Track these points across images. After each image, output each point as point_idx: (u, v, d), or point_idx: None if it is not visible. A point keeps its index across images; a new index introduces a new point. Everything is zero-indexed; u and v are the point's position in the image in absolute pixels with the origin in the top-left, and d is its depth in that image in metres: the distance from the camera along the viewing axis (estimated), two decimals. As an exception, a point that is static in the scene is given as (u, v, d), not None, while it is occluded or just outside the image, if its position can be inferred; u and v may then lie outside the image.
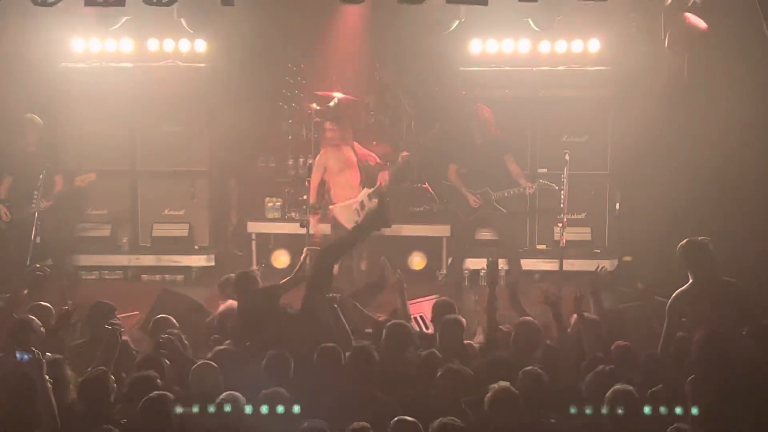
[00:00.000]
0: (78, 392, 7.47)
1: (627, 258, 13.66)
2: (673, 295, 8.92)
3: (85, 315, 9.45)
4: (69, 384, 7.58)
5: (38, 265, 10.58)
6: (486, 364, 8.20)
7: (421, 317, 10.53)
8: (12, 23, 13.00)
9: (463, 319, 9.15)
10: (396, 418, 6.87)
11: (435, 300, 10.28)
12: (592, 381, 7.68)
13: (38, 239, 12.20)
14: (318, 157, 12.96)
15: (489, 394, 7.26)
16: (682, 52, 12.81)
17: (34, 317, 8.75)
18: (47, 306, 9.37)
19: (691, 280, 8.89)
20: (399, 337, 8.64)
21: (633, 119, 13.30)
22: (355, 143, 13.13)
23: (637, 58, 13.32)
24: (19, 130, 12.83)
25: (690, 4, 11.50)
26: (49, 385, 7.22)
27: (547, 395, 7.52)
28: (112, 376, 7.57)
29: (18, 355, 7.34)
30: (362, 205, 12.80)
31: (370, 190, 12.87)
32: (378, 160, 13.09)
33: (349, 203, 12.82)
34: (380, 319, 9.78)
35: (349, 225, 12.61)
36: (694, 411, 6.89)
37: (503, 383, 7.32)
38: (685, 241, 9.06)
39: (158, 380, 7.63)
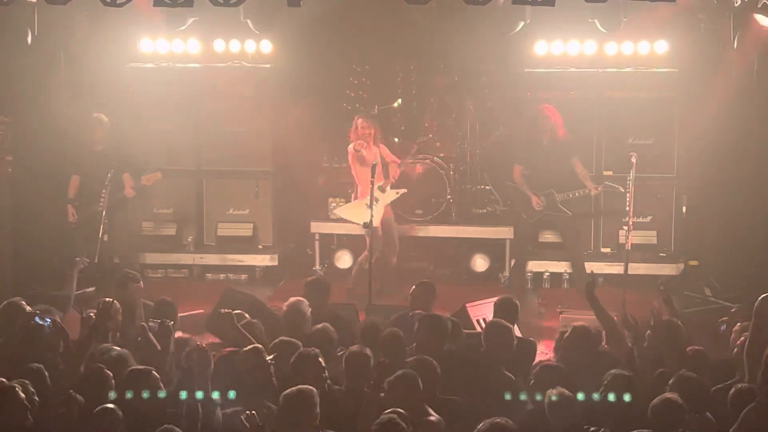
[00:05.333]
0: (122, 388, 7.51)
1: (693, 262, 13.51)
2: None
3: (150, 312, 9.59)
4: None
5: (77, 259, 10.64)
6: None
7: (483, 319, 10.47)
8: (81, 24, 13.18)
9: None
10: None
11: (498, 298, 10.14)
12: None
13: (105, 237, 12.35)
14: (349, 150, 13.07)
15: (547, 400, 7.27)
16: (752, 54, 12.62)
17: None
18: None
19: None
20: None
21: (700, 122, 13.16)
22: (383, 146, 13.18)
23: (705, 60, 13.18)
24: (87, 130, 12.98)
25: (760, 5, 11.28)
26: None
27: None
28: (155, 373, 7.57)
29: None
30: (376, 199, 12.83)
31: (381, 183, 12.90)
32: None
33: (359, 201, 12.91)
34: None
35: (359, 221, 12.68)
36: None
37: (560, 389, 7.30)
38: None
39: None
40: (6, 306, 9.17)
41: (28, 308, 9.00)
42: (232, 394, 7.50)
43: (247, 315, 9.44)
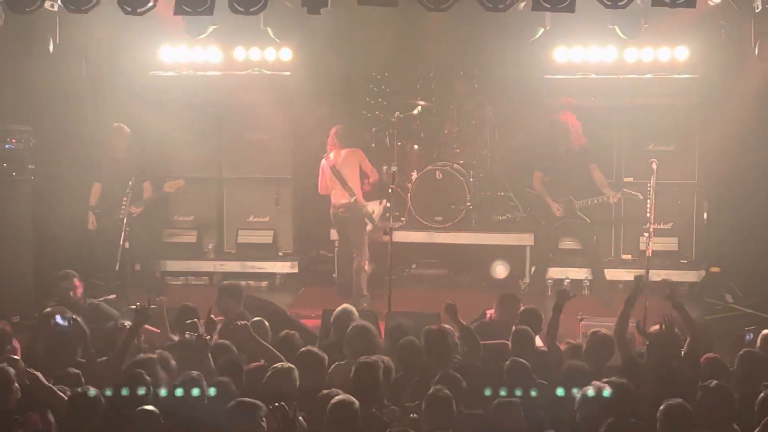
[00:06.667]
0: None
1: (714, 269, 13.43)
2: None
3: (172, 318, 9.63)
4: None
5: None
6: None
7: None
8: (102, 33, 13.26)
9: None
10: None
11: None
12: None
13: (127, 245, 12.39)
14: (357, 154, 13.02)
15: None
16: (773, 60, 12.58)
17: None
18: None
19: None
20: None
21: (721, 128, 13.11)
22: None
23: (726, 66, 13.13)
24: (108, 139, 13.05)
25: (781, 10, 11.26)
26: None
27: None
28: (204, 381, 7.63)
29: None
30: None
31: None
32: None
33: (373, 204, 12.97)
34: None
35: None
36: None
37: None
38: None
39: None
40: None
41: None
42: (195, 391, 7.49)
43: (266, 322, 9.44)
